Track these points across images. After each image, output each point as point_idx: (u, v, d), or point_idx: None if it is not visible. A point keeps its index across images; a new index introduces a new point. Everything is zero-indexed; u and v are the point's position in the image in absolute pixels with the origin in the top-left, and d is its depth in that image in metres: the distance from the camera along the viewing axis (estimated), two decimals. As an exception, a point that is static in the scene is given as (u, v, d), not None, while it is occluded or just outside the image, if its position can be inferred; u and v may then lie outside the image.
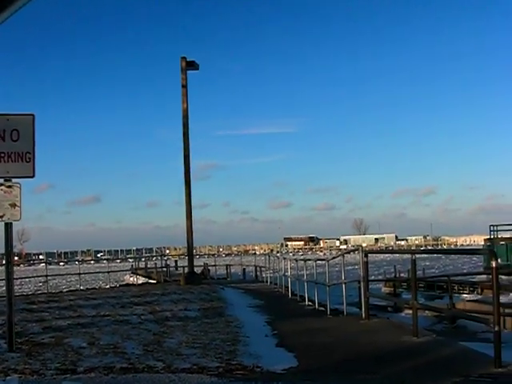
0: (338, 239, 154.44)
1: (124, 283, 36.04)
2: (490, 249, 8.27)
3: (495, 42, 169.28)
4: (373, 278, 32.13)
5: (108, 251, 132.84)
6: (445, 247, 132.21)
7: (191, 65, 27.22)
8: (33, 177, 8.80)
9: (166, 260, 46.90)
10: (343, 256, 13.12)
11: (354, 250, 13.51)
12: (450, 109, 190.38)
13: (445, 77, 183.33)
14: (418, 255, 9.05)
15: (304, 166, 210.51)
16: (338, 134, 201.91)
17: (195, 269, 29.06)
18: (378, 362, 7.30)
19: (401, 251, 48.47)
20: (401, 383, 5.70)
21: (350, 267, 12.98)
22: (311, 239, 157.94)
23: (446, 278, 24.81)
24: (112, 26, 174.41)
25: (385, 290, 30.50)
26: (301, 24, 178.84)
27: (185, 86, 27.03)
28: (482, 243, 43.41)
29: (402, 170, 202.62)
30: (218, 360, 7.53)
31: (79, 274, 29.24)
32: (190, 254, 27.47)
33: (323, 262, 16.29)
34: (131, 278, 41.79)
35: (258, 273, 34.15)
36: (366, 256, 11.38)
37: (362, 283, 11.53)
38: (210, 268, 38.61)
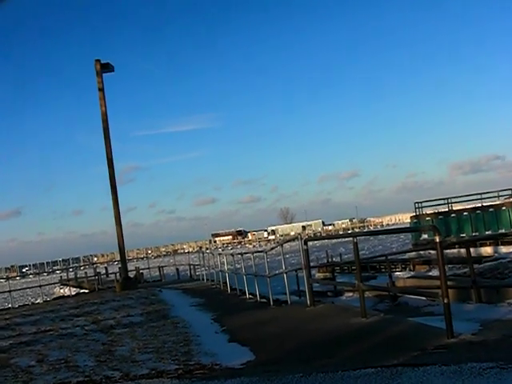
0: (266, 230, 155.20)
1: (56, 296, 35.24)
2: (433, 225, 8.56)
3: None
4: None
5: (33, 265, 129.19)
6: (371, 228, 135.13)
7: (106, 67, 26.76)
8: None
9: (95, 268, 46.12)
10: (282, 246, 13.21)
11: (293, 239, 13.61)
12: (366, 92, 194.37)
13: (358, 61, 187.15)
14: (345, 239, 9.23)
15: (226, 160, 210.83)
16: (257, 125, 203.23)
17: (128, 274, 28.71)
18: (333, 346, 7.40)
19: (342, 235, 49.19)
20: (362, 363, 5.80)
21: (279, 257, 13.07)
22: (239, 233, 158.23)
23: (382, 257, 25.39)
24: (25, 31, 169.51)
25: (319, 275, 30.91)
26: (214, 19, 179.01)
27: (102, 90, 26.53)
28: (408, 221, 44.64)
29: (325, 155, 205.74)
30: (175, 362, 7.47)
31: (9, 291, 28.25)
32: (123, 259, 27.10)
33: (257, 254, 16.41)
34: (62, 290, 40.95)
35: (192, 271, 34.04)
36: (306, 244, 11.51)
37: (304, 270, 11.64)
38: (142, 271, 38.24)
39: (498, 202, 38.77)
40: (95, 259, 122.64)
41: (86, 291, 32.32)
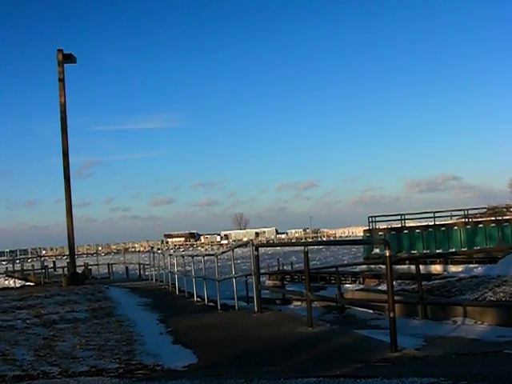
0: (219, 234, 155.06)
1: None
2: (384, 239, 8.74)
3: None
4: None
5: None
6: (324, 239, 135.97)
7: (68, 58, 26.33)
8: None
9: (43, 261, 45.33)
10: (233, 250, 13.14)
11: (244, 244, 13.57)
12: (331, 106, 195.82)
13: (326, 74, 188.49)
14: (299, 248, 9.20)
15: (188, 161, 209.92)
16: (222, 128, 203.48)
17: (76, 269, 28.24)
18: (277, 353, 7.37)
19: (293, 243, 49.28)
20: (305, 372, 5.76)
21: (230, 262, 12.98)
22: (192, 235, 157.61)
23: (333, 269, 25.47)
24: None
25: (269, 283, 30.87)
26: (187, 17, 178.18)
27: (62, 80, 26.09)
28: (361, 234, 45.03)
29: (286, 163, 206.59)
30: (117, 361, 7.32)
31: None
32: (72, 254, 26.62)
33: (208, 257, 16.33)
34: (6, 282, 40.08)
35: (141, 271, 33.71)
36: (257, 250, 11.47)
37: (253, 277, 11.58)
38: (91, 267, 37.74)
39: (450, 222, 39.45)
40: (43, 252, 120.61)
41: (32, 284, 31.69)
